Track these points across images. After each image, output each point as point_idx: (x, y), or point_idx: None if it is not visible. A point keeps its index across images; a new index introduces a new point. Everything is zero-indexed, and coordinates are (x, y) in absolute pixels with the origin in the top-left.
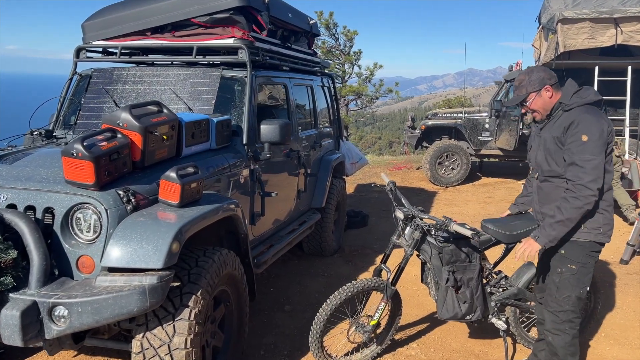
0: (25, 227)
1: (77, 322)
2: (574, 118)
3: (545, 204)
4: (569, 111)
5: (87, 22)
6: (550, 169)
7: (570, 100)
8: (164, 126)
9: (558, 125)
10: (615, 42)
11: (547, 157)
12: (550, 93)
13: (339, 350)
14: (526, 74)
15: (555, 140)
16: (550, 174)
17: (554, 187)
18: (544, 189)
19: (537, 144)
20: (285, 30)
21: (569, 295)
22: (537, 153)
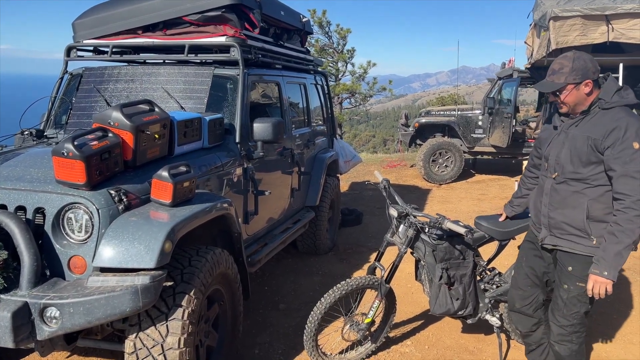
0: (16, 227)
1: (69, 323)
2: (618, 121)
3: (559, 209)
4: (608, 110)
5: (78, 20)
6: (575, 170)
7: (612, 98)
8: (155, 125)
9: (596, 125)
10: (607, 39)
11: (573, 157)
12: (589, 88)
13: (334, 348)
14: (570, 60)
15: (589, 141)
16: (573, 177)
17: (572, 192)
18: (560, 192)
19: (560, 140)
20: (278, 28)
21: (578, 311)
22: (561, 151)
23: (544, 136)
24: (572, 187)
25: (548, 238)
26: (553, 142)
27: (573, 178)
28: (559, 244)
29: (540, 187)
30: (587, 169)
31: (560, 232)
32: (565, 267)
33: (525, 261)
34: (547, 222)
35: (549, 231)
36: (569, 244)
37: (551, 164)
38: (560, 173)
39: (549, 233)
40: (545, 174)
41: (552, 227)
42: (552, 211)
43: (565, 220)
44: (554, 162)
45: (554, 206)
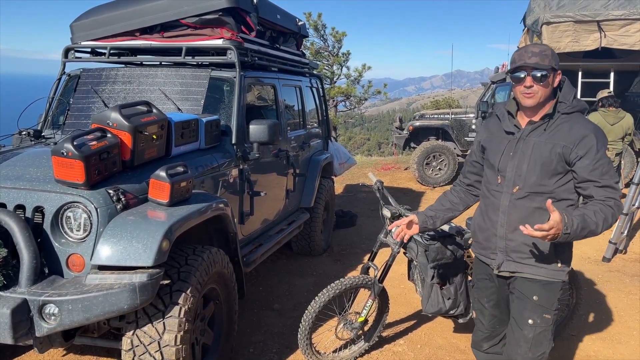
0: (15, 225)
1: (67, 320)
2: (586, 128)
3: (519, 229)
4: (570, 115)
5: (76, 22)
6: (540, 183)
7: (572, 102)
8: (153, 126)
9: (561, 132)
10: (600, 46)
11: (537, 167)
12: (557, 80)
13: (328, 347)
14: (548, 47)
15: (558, 148)
16: (537, 190)
17: (535, 208)
18: (520, 208)
19: (519, 149)
20: (274, 32)
21: (544, 352)
22: (523, 161)
23: (491, 144)
24: (534, 202)
25: (505, 264)
26: (508, 152)
27: (537, 192)
28: (519, 270)
29: (492, 206)
30: (553, 180)
31: (520, 256)
32: (530, 297)
33: (487, 301)
34: (504, 245)
35: (506, 255)
36: (530, 269)
37: (509, 177)
38: (522, 186)
39: (505, 258)
40: (500, 189)
41: (510, 251)
42: (511, 232)
43: (527, 241)
44: (514, 174)
45: (513, 226)
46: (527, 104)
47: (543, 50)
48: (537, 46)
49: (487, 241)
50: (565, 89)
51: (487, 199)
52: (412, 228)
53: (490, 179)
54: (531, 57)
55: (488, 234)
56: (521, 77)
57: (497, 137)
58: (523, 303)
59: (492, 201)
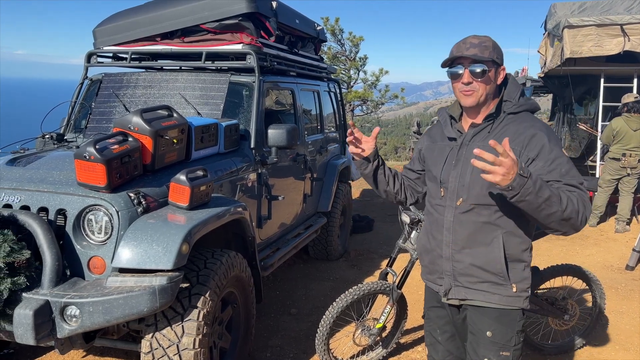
0: (39, 228)
1: (88, 322)
2: (534, 127)
3: (466, 248)
4: (516, 115)
5: (99, 27)
6: (485, 193)
7: (519, 100)
8: (173, 130)
9: (507, 134)
10: (622, 50)
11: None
12: (501, 78)
13: (345, 353)
14: (489, 39)
15: None
16: (482, 201)
17: (482, 223)
18: (466, 224)
19: (461, 157)
20: (293, 36)
21: None
22: (463, 170)
23: (432, 154)
24: (481, 216)
25: (454, 290)
26: (450, 160)
27: (483, 203)
28: (469, 297)
29: (435, 223)
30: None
31: (469, 281)
32: (483, 332)
33: (440, 334)
34: (450, 267)
35: (454, 280)
36: (482, 296)
37: (452, 188)
38: (466, 198)
39: (454, 283)
40: (443, 203)
41: (458, 274)
42: (458, 252)
43: (477, 262)
44: (457, 185)
45: (459, 245)
46: (466, 103)
47: (483, 42)
48: (477, 37)
49: (433, 264)
50: (511, 86)
51: (431, 216)
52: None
53: (433, 192)
54: (469, 49)
55: (433, 255)
56: (459, 73)
57: (439, 145)
58: (476, 339)
59: (436, 217)
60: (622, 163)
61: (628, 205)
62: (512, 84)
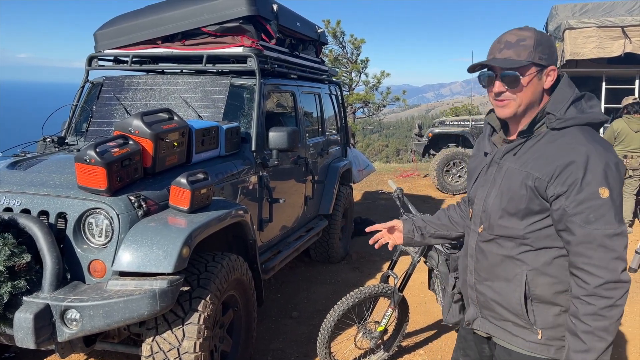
0: (39, 231)
1: (88, 325)
2: (574, 152)
3: (488, 281)
4: (561, 131)
5: (100, 31)
6: (506, 225)
7: (566, 112)
8: (174, 133)
9: (541, 155)
10: (623, 52)
11: (504, 203)
12: (550, 81)
13: (346, 356)
14: (533, 32)
15: (530, 180)
16: (503, 233)
17: (504, 256)
18: (488, 254)
19: (490, 176)
20: (294, 39)
21: None
22: (490, 192)
23: (472, 165)
24: (503, 249)
25: (478, 321)
26: (480, 178)
27: (504, 235)
28: (492, 333)
29: (465, 244)
30: (525, 222)
31: (493, 316)
32: None
33: (462, 355)
34: (475, 297)
35: (480, 311)
36: (504, 335)
37: (476, 211)
38: (487, 227)
39: (479, 314)
40: (470, 225)
41: (482, 307)
42: (480, 283)
43: (496, 298)
44: (480, 209)
45: (481, 276)
46: (502, 115)
47: (522, 39)
48: (516, 33)
49: (463, 287)
50: (558, 93)
51: (465, 236)
52: (395, 235)
53: (465, 210)
54: (503, 50)
55: (463, 278)
56: (488, 81)
57: (479, 157)
58: None
59: (466, 240)
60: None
61: (630, 208)
62: (561, 89)
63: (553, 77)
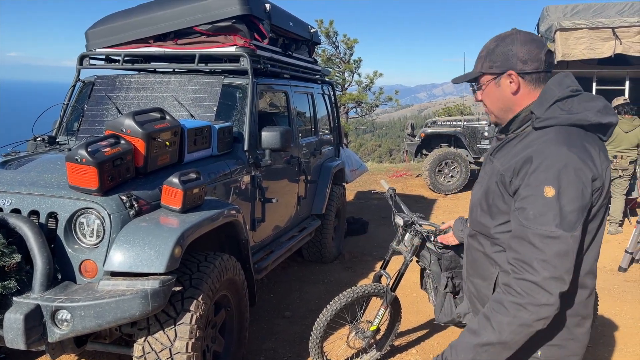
0: (29, 231)
1: (79, 326)
2: (536, 150)
3: (471, 276)
4: (543, 130)
5: (91, 29)
6: (481, 222)
7: (546, 111)
8: (166, 132)
9: (514, 152)
10: (614, 53)
11: (482, 199)
12: (514, 85)
13: (339, 356)
14: (496, 41)
15: (497, 176)
16: (480, 229)
17: (482, 254)
18: (471, 250)
19: (484, 172)
20: (287, 39)
21: None
22: (478, 188)
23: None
24: (482, 246)
25: (469, 317)
26: (480, 174)
27: (481, 232)
28: None
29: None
30: (495, 221)
31: (474, 311)
32: None
33: None
34: (467, 289)
35: (471, 304)
36: None
37: (469, 206)
38: (471, 222)
39: (471, 307)
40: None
41: (470, 301)
42: (467, 277)
43: (475, 293)
44: (470, 204)
45: (468, 271)
46: (490, 119)
47: (481, 50)
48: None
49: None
50: (544, 93)
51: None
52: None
53: None
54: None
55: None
56: None
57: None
58: None
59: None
60: (614, 165)
61: (620, 207)
62: (547, 90)
63: (515, 81)
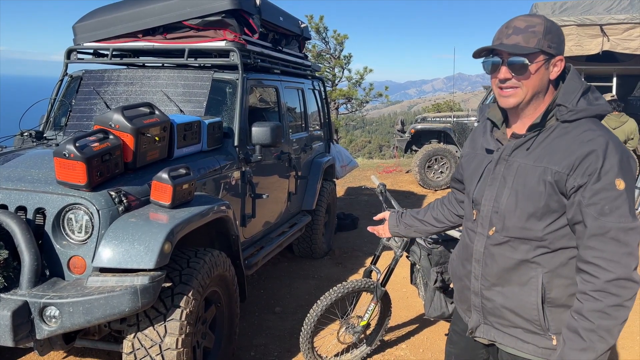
0: (17, 227)
1: (68, 323)
2: (593, 142)
3: (498, 286)
4: (572, 124)
5: (79, 23)
6: (524, 226)
7: (578, 104)
8: (155, 128)
9: (557, 149)
10: (601, 50)
11: (521, 203)
12: (557, 71)
13: (329, 351)
14: (547, 20)
15: (548, 175)
16: (520, 235)
17: (519, 260)
18: (499, 259)
19: (498, 174)
20: (277, 34)
21: None
22: (502, 192)
23: (470, 165)
24: (517, 252)
25: (482, 329)
26: (486, 177)
27: (520, 237)
28: (499, 340)
29: (466, 249)
30: (544, 222)
31: (500, 323)
32: None
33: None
34: (479, 303)
35: (484, 318)
36: (513, 342)
37: (485, 213)
38: (500, 229)
39: (483, 321)
40: (474, 228)
41: (487, 314)
42: (488, 289)
43: (508, 304)
44: (490, 210)
45: (489, 281)
46: (505, 104)
47: (531, 25)
48: (526, 18)
49: (462, 294)
50: (569, 84)
51: (463, 239)
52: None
53: (467, 212)
54: (511, 36)
55: (462, 285)
56: (494, 66)
57: (479, 156)
58: None
59: (466, 243)
60: None
61: None
62: (571, 81)
63: (560, 67)
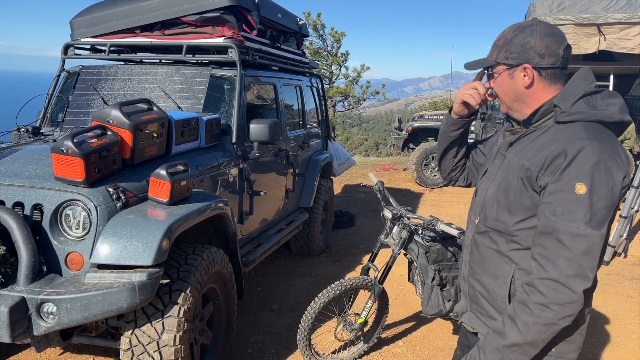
0: (14, 223)
1: (65, 319)
2: (568, 144)
3: (477, 275)
4: (566, 124)
5: (76, 18)
6: (498, 217)
7: (573, 106)
8: (153, 124)
9: (539, 147)
10: (598, 49)
11: (500, 195)
12: (528, 79)
13: (327, 348)
14: (514, 30)
15: (523, 171)
16: (495, 226)
17: (494, 251)
18: (480, 247)
19: (495, 167)
20: (275, 31)
21: None
22: (491, 183)
23: (489, 151)
24: (494, 243)
25: (467, 315)
26: (488, 170)
27: (496, 229)
28: (478, 329)
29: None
30: (515, 217)
31: (479, 311)
32: None
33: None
34: (467, 289)
35: (470, 305)
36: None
37: (477, 202)
38: (483, 218)
39: (469, 308)
40: (471, 216)
41: (471, 301)
42: (471, 276)
43: (484, 293)
44: (481, 200)
45: (473, 269)
46: (502, 111)
47: (499, 38)
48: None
49: (459, 278)
50: (568, 87)
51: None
52: None
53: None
54: (490, 49)
55: (460, 270)
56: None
57: (493, 150)
58: None
59: (466, 231)
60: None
61: None
62: (572, 83)
63: (530, 75)
